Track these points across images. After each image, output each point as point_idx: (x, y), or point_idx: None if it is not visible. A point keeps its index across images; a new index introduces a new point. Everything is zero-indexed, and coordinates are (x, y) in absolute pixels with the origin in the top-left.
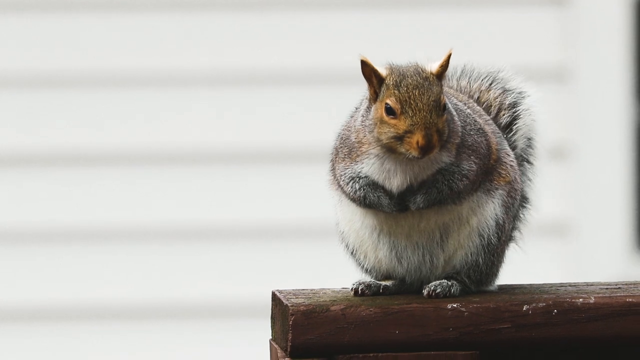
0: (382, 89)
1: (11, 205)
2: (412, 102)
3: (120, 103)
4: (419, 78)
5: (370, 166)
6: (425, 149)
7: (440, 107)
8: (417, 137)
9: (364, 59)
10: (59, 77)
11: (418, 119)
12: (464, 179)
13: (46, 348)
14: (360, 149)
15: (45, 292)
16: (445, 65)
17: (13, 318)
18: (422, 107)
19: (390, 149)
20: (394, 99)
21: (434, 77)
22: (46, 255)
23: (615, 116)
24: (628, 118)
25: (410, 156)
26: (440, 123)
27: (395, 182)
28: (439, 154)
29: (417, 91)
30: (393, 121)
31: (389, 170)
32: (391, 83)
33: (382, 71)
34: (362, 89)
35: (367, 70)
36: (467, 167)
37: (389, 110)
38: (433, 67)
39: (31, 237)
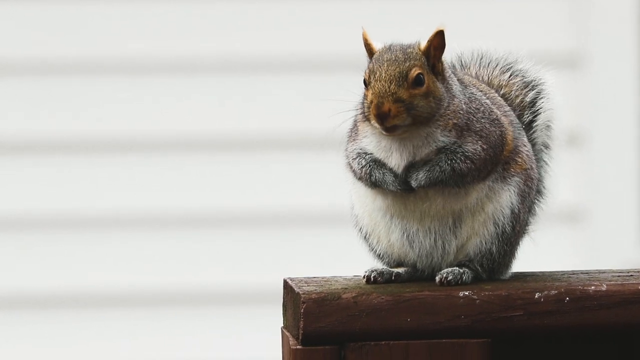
0: None
1: (13, 192)
2: (377, 73)
3: (124, 90)
4: (398, 53)
5: (369, 144)
6: (380, 117)
7: (405, 79)
8: (372, 106)
9: (363, 33)
10: (62, 64)
11: (377, 89)
12: (468, 161)
13: (52, 335)
14: (361, 126)
15: (55, 279)
16: (431, 41)
17: (15, 305)
18: (384, 77)
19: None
20: (367, 71)
21: (418, 53)
22: (55, 242)
23: (628, 103)
24: None
25: (376, 126)
26: (404, 94)
27: (393, 160)
28: (432, 131)
29: (386, 63)
30: (367, 93)
31: (386, 147)
32: (374, 57)
33: (378, 46)
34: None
35: (365, 44)
36: (472, 150)
37: (364, 82)
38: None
39: (35, 224)
